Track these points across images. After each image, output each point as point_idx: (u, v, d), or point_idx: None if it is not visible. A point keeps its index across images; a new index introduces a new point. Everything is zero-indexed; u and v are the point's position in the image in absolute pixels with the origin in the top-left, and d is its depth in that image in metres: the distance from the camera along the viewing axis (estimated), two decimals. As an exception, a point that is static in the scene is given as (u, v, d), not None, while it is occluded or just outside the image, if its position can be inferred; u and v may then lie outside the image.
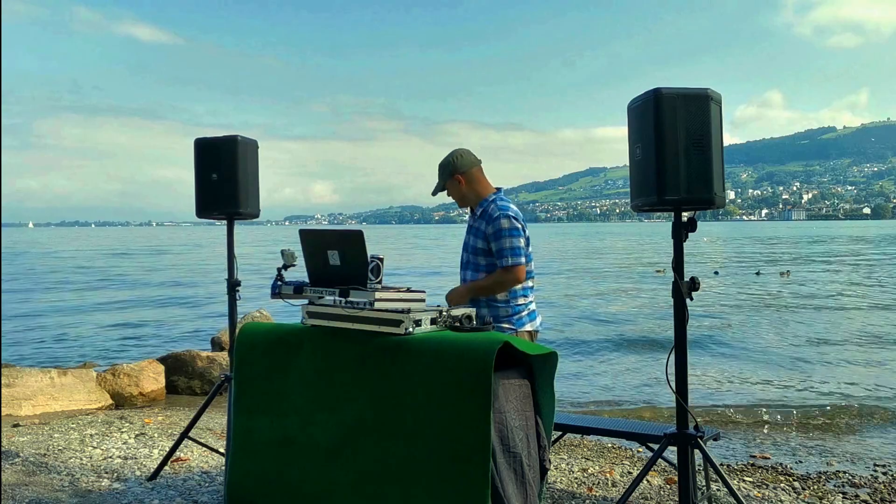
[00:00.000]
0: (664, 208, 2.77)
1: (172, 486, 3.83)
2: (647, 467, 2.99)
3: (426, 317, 2.76)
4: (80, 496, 3.67)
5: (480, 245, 3.37)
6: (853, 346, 10.29)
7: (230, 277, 3.91)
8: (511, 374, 2.70)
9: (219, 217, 3.94)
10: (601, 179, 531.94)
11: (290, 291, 3.08)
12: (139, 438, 4.98)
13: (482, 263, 3.38)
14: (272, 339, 3.08)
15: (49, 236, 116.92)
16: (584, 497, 3.80)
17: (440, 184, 3.47)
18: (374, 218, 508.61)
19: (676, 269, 2.81)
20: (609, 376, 8.48)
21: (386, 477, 2.67)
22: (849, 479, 4.35)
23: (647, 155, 2.72)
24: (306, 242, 2.94)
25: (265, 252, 39.61)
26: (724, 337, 11.12)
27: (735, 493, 2.83)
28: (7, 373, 6.30)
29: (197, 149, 3.85)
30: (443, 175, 3.45)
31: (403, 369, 2.67)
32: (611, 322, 13.27)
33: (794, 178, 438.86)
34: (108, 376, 6.95)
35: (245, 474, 3.07)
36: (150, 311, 16.21)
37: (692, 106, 2.67)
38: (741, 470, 4.48)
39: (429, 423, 2.58)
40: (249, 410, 3.10)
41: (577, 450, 4.90)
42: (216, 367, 7.36)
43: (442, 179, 3.45)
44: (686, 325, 2.82)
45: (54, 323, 14.11)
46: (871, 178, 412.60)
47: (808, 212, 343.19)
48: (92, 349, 11.03)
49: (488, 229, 3.33)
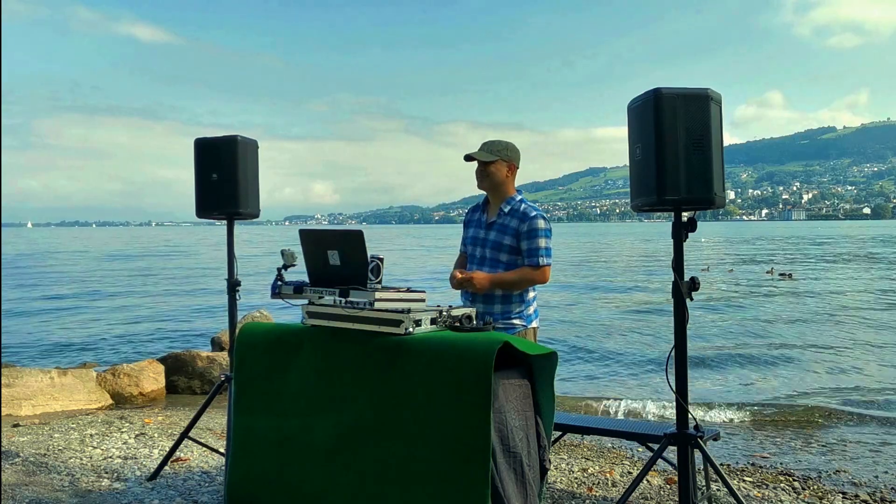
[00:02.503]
0: (664, 208, 2.77)
1: (172, 486, 3.83)
2: (647, 467, 2.99)
3: (426, 317, 2.76)
4: (80, 496, 3.67)
5: (507, 241, 3.35)
6: (853, 345, 10.30)
7: (230, 277, 3.91)
8: (511, 374, 2.70)
9: (219, 217, 3.94)
10: (601, 179, 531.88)
11: (290, 291, 3.08)
12: (139, 438, 4.98)
13: (503, 260, 3.37)
14: (272, 339, 3.09)
15: (47, 236, 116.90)
16: (584, 497, 3.80)
17: (490, 157, 3.38)
18: (374, 218, 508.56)
19: (676, 268, 2.81)
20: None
21: (386, 477, 2.67)
22: (849, 479, 4.36)
23: (647, 155, 2.72)
24: (306, 242, 2.94)
25: (264, 251, 39.60)
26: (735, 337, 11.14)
27: (735, 493, 2.83)
28: (7, 373, 6.30)
29: (197, 149, 3.85)
30: (500, 153, 3.40)
31: (403, 369, 2.67)
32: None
33: (794, 178, 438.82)
34: (108, 376, 6.96)
35: (245, 474, 3.07)
36: (151, 311, 16.20)
37: (692, 106, 2.67)
38: (741, 470, 4.48)
39: (429, 423, 2.58)
40: (249, 410, 3.10)
41: (577, 450, 4.90)
42: (216, 367, 7.36)
43: (497, 155, 3.39)
44: (686, 325, 2.82)
45: (54, 323, 14.11)
46: (871, 178, 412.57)
47: (808, 212, 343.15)
48: (92, 349, 11.04)
49: (522, 227, 3.33)
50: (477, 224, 3.54)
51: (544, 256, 3.31)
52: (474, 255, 3.48)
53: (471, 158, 3.42)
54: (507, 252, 3.36)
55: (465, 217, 3.69)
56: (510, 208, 3.41)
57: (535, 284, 3.38)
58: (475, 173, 3.46)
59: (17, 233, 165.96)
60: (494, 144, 3.42)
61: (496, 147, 3.41)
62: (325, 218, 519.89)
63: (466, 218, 3.67)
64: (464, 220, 3.70)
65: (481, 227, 3.49)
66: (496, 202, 3.47)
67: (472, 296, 3.41)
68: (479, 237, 3.49)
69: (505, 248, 3.36)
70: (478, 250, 3.47)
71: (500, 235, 3.38)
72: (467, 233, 3.61)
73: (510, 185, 3.45)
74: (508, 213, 3.40)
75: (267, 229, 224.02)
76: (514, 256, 3.36)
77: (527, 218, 3.34)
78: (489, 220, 3.47)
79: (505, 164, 3.41)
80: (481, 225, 3.50)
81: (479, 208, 3.61)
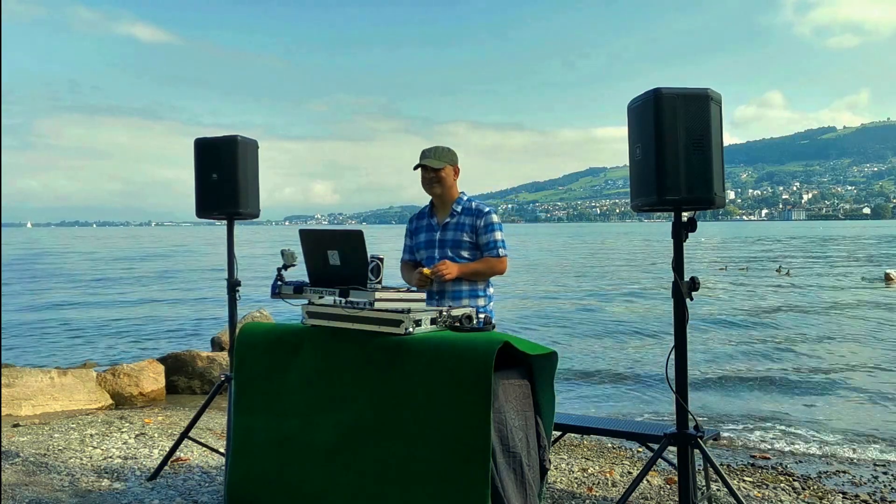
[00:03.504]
0: (664, 208, 2.78)
1: (172, 486, 3.83)
2: (647, 467, 2.99)
3: (426, 317, 2.76)
4: (80, 496, 3.67)
5: (466, 238, 3.48)
6: (856, 345, 10.30)
7: (230, 277, 3.91)
8: (511, 374, 2.70)
9: (219, 217, 3.94)
10: (601, 179, 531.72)
11: (290, 291, 3.08)
12: (139, 438, 4.98)
13: (465, 257, 3.48)
14: (272, 339, 3.09)
15: (47, 236, 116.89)
16: (584, 497, 3.80)
17: (440, 164, 3.47)
18: (374, 218, 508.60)
19: (676, 268, 2.81)
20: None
21: (386, 477, 2.67)
22: (849, 479, 4.36)
23: (647, 155, 2.72)
24: (306, 242, 2.95)
25: (262, 251, 39.60)
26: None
27: (735, 493, 2.83)
28: (7, 373, 6.30)
29: (197, 149, 3.85)
30: (446, 158, 3.51)
31: (403, 369, 2.67)
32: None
33: (794, 178, 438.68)
34: (108, 376, 6.95)
35: (245, 474, 3.07)
36: (150, 311, 16.20)
37: (692, 106, 2.67)
38: (741, 470, 4.48)
39: (429, 423, 2.58)
40: (249, 410, 3.10)
41: (577, 450, 4.90)
42: (216, 367, 7.36)
43: (446, 161, 3.50)
44: (686, 326, 2.82)
45: (55, 323, 14.11)
46: (871, 178, 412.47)
47: (808, 212, 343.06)
48: (92, 349, 11.04)
49: (479, 223, 3.48)
50: (428, 228, 3.59)
51: (502, 248, 3.49)
52: (432, 258, 3.52)
53: (423, 167, 3.51)
54: (467, 248, 3.48)
55: (410, 226, 3.71)
56: (462, 207, 3.54)
57: (497, 274, 3.52)
58: (422, 180, 3.54)
59: (17, 233, 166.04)
60: (439, 151, 3.53)
61: (441, 153, 3.52)
62: (325, 218, 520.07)
63: (412, 226, 3.69)
64: (408, 228, 3.72)
65: (434, 231, 3.55)
66: (446, 205, 3.57)
67: (438, 295, 3.45)
68: (433, 240, 3.54)
69: (465, 244, 3.48)
70: (436, 252, 3.52)
71: (457, 234, 3.49)
72: (416, 239, 3.63)
73: (456, 188, 3.59)
74: (462, 212, 3.53)
75: (267, 229, 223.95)
76: (474, 252, 3.49)
77: (482, 214, 3.50)
78: (441, 221, 3.55)
79: (451, 169, 3.54)
80: (433, 228, 3.57)
81: (424, 215, 3.65)
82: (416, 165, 3.53)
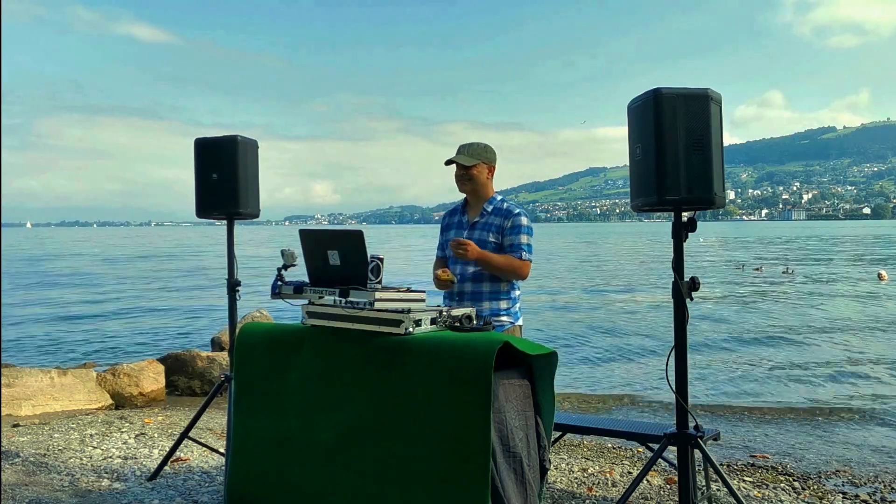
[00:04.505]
0: (664, 208, 2.77)
1: (172, 486, 3.83)
2: (647, 467, 2.99)
3: (426, 317, 2.76)
4: (80, 496, 3.67)
5: (492, 239, 3.39)
6: (857, 343, 10.29)
7: (230, 277, 3.91)
8: (511, 374, 2.70)
9: (219, 217, 3.94)
10: (601, 179, 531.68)
11: (290, 291, 3.08)
12: (139, 438, 4.98)
13: None
14: (272, 339, 3.09)
15: (47, 236, 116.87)
16: (584, 497, 3.80)
17: (471, 161, 3.40)
18: (374, 218, 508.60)
19: (676, 269, 2.81)
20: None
21: (386, 477, 2.67)
22: (849, 479, 4.36)
23: (647, 155, 2.72)
24: (306, 242, 2.94)
25: (261, 251, 39.58)
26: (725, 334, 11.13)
27: (735, 493, 2.83)
28: (7, 373, 6.30)
29: (197, 149, 3.85)
30: (480, 155, 3.43)
31: (403, 369, 2.67)
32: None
33: (794, 178, 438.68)
34: (108, 376, 6.95)
35: (245, 474, 3.07)
36: (150, 310, 16.20)
37: (692, 106, 2.67)
38: (741, 470, 4.48)
39: (429, 423, 2.58)
40: (249, 410, 3.10)
41: (577, 450, 4.90)
42: (216, 367, 7.36)
43: (478, 158, 3.42)
44: (686, 326, 2.82)
45: (55, 323, 14.11)
46: (871, 178, 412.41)
47: (808, 212, 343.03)
48: (92, 349, 11.04)
49: (506, 223, 3.38)
50: (458, 226, 3.56)
51: (526, 252, 3.37)
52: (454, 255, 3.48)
53: (452, 162, 3.44)
54: (491, 251, 3.38)
55: (443, 221, 3.69)
56: (493, 207, 3.46)
57: (517, 277, 3.41)
58: (455, 177, 3.47)
59: (16, 233, 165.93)
60: (473, 147, 3.45)
61: (475, 150, 3.44)
62: (325, 218, 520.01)
63: (444, 222, 3.67)
64: (441, 224, 3.70)
65: (463, 228, 3.51)
66: (478, 204, 3.50)
67: (458, 295, 3.42)
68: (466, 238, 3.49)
69: (490, 245, 3.38)
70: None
71: (484, 233, 3.42)
72: (446, 236, 3.60)
73: (490, 187, 3.51)
74: (492, 212, 3.45)
75: (267, 229, 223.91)
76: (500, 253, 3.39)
77: (510, 215, 3.40)
78: (472, 220, 3.50)
79: (485, 167, 3.46)
80: (462, 226, 3.53)
81: (457, 211, 3.62)
82: (447, 161, 3.45)
